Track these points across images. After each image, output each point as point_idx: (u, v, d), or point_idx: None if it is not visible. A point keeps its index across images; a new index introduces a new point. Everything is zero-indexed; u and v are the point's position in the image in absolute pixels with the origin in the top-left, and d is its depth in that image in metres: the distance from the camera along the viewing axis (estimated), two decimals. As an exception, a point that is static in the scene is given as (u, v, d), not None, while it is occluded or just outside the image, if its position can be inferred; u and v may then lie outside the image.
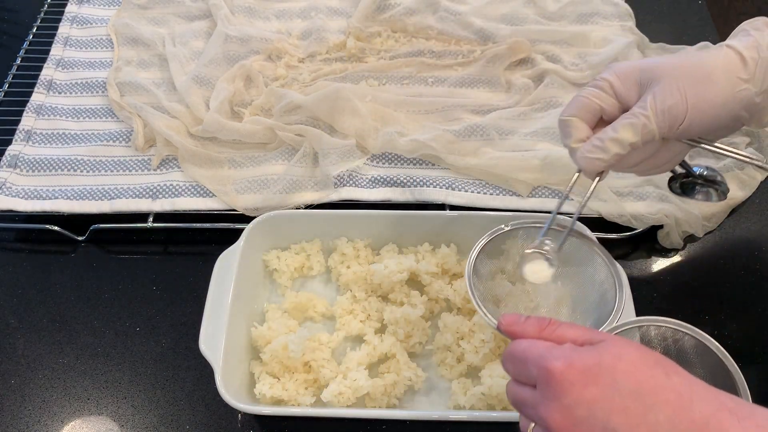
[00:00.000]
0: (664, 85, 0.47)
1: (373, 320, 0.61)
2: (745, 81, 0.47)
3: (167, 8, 0.91)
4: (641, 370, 0.35)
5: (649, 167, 0.52)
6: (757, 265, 0.67)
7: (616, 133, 0.47)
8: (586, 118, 0.49)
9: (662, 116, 0.46)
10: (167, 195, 0.70)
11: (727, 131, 0.50)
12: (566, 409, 0.35)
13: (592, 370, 0.35)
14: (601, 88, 0.49)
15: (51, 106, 0.80)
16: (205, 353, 0.54)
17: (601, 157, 0.48)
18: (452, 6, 0.88)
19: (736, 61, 0.47)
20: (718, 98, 0.47)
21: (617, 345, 0.37)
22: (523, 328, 0.41)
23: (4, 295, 0.66)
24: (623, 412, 0.34)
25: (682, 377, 0.36)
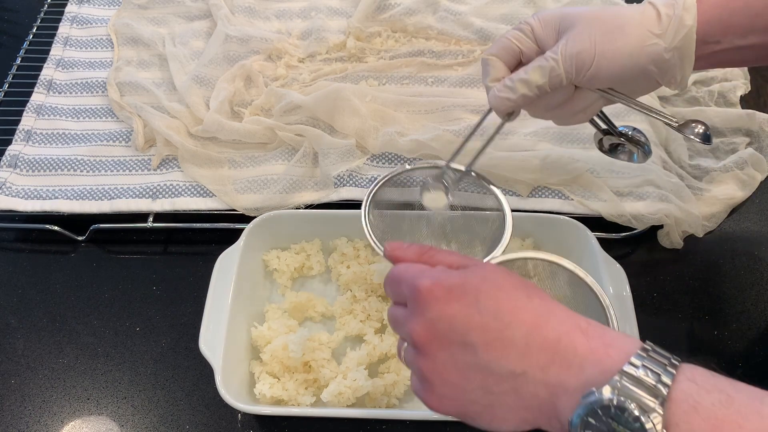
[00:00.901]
0: (577, 32, 0.48)
1: (373, 320, 0.61)
2: (656, 36, 0.48)
3: (167, 8, 0.91)
4: (504, 291, 0.37)
5: (564, 115, 0.53)
6: (757, 265, 0.67)
7: (526, 74, 0.49)
8: (505, 59, 0.52)
9: (570, 61, 0.48)
10: (167, 195, 0.70)
11: (639, 86, 0.51)
12: (429, 322, 0.37)
13: (457, 288, 0.37)
14: (523, 31, 0.51)
15: (51, 106, 0.80)
16: (205, 353, 0.54)
17: (509, 96, 0.50)
18: (452, 6, 0.88)
19: (651, 15, 0.48)
20: (625, 48, 0.48)
21: (486, 269, 0.39)
22: (404, 252, 0.42)
23: (4, 295, 0.66)
24: (482, 329, 0.35)
25: (542, 300, 0.37)
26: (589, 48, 0.48)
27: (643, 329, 0.54)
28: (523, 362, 0.34)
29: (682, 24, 0.47)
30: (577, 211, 0.68)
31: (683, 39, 0.47)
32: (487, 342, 0.35)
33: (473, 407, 0.37)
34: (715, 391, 0.31)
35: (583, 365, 0.33)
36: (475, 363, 0.35)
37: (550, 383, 0.34)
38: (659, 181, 0.68)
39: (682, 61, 0.48)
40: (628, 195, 0.69)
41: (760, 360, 0.60)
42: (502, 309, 0.36)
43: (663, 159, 0.72)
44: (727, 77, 0.80)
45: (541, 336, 0.35)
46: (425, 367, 0.37)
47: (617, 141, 0.59)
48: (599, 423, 0.31)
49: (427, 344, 0.37)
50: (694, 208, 0.67)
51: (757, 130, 0.75)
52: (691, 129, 0.52)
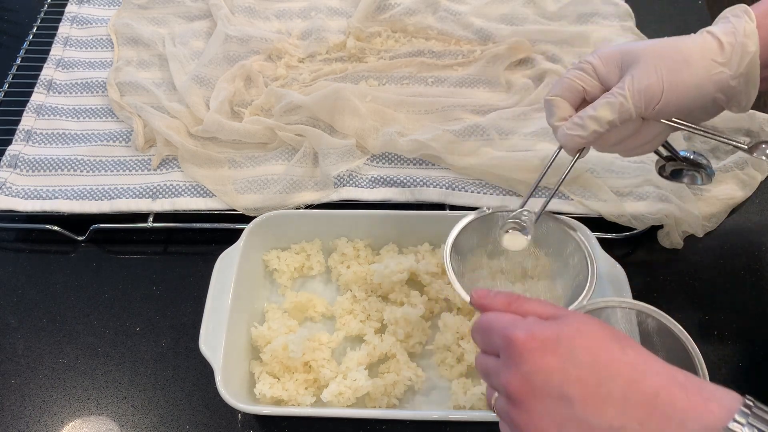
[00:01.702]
0: (642, 67, 0.49)
1: (373, 320, 0.61)
2: (721, 64, 0.49)
3: (167, 8, 0.91)
4: (598, 343, 0.37)
5: (631, 147, 0.54)
6: (757, 265, 0.67)
7: (595, 111, 0.50)
8: (569, 98, 0.52)
9: (639, 95, 0.49)
10: (167, 195, 0.70)
11: (705, 114, 0.52)
12: (525, 376, 0.36)
13: (551, 341, 0.37)
14: (584, 70, 0.52)
15: (51, 106, 0.80)
16: (205, 353, 0.54)
17: (580, 134, 0.50)
18: (452, 6, 0.88)
19: (713, 45, 0.49)
20: (693, 79, 0.49)
21: (578, 320, 0.38)
22: (492, 301, 0.42)
23: (4, 295, 0.66)
24: (578, 383, 0.35)
25: (637, 352, 0.37)
26: (656, 82, 0.49)
27: (643, 329, 0.54)
28: (621, 417, 0.34)
29: (746, 51, 0.48)
30: (577, 211, 0.68)
31: (748, 65, 0.49)
32: (585, 396, 0.35)
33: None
34: None
35: (684, 421, 0.33)
36: (572, 416, 0.35)
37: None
38: (659, 181, 0.68)
39: (747, 86, 0.50)
40: (628, 195, 0.69)
41: (760, 360, 0.60)
42: (599, 362, 0.36)
43: (663, 159, 0.72)
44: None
45: (639, 390, 0.34)
46: (521, 420, 0.37)
47: (680, 166, 0.60)
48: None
49: (523, 397, 0.37)
50: (694, 208, 0.67)
51: (757, 130, 0.75)
52: (761, 150, 0.53)
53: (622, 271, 0.59)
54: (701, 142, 0.75)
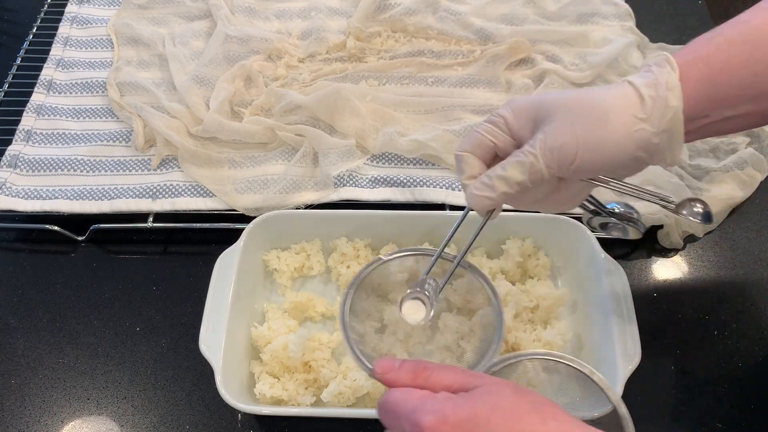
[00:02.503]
0: (556, 124, 0.44)
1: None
2: (641, 120, 0.44)
3: (167, 8, 0.91)
4: (517, 418, 0.34)
5: (552, 205, 0.50)
6: (757, 265, 0.67)
7: (504, 171, 0.45)
8: (479, 154, 0.48)
9: (551, 155, 0.44)
10: (167, 195, 0.70)
11: (628, 171, 0.47)
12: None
13: (466, 424, 0.34)
14: (495, 123, 0.47)
15: (51, 106, 0.80)
16: (205, 353, 0.54)
17: (489, 195, 0.46)
18: (452, 6, 0.88)
19: (634, 99, 0.44)
20: (611, 138, 0.44)
21: (493, 392, 0.36)
22: (396, 375, 0.39)
23: (4, 295, 0.66)
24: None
25: (558, 422, 0.35)
26: (571, 141, 0.44)
27: (643, 329, 0.54)
28: None
29: (668, 106, 0.44)
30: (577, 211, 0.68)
31: (670, 121, 0.44)
32: None
33: None
34: None
35: None
36: None
37: None
38: (659, 181, 0.68)
39: (671, 142, 0.45)
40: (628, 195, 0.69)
41: (760, 360, 0.60)
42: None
43: (663, 159, 0.72)
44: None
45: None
46: None
47: (607, 220, 0.55)
48: None
49: None
50: (694, 208, 0.67)
51: (757, 130, 0.75)
52: (689, 209, 0.49)
53: (622, 271, 0.59)
54: (701, 142, 0.75)
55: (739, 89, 0.44)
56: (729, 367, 0.60)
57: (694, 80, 0.44)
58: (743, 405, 0.57)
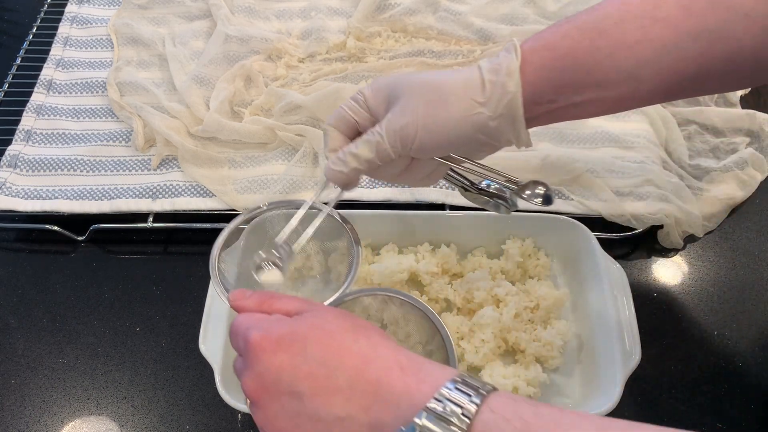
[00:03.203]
0: (401, 105, 0.47)
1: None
2: (480, 104, 0.45)
3: (167, 8, 0.91)
4: (332, 336, 0.38)
5: (410, 180, 0.52)
6: (756, 265, 0.67)
7: (356, 149, 0.48)
8: (342, 129, 0.50)
9: (394, 136, 0.46)
10: (167, 195, 0.70)
11: (473, 152, 0.49)
12: (258, 375, 0.38)
13: (285, 338, 0.38)
14: (357, 101, 0.50)
15: (51, 106, 0.80)
16: (205, 353, 0.54)
17: (342, 170, 0.49)
18: (452, 6, 0.88)
19: (476, 83, 0.46)
20: (449, 121, 0.46)
21: (317, 314, 0.40)
22: (245, 302, 0.43)
23: (4, 295, 0.66)
24: (309, 377, 0.36)
25: (369, 340, 0.38)
26: (411, 122, 0.46)
27: (643, 329, 0.54)
28: (347, 406, 0.36)
29: (505, 90, 0.45)
30: (577, 211, 0.68)
31: (507, 106, 0.45)
32: (314, 390, 0.36)
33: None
34: (515, 419, 0.32)
35: (399, 402, 0.35)
36: (303, 411, 0.36)
37: (372, 423, 0.35)
38: (659, 181, 0.68)
39: (513, 126, 0.46)
40: (628, 195, 0.69)
41: (760, 360, 0.60)
42: (329, 355, 0.37)
43: (663, 159, 0.72)
44: (727, 77, 0.80)
45: (363, 379, 0.36)
46: (259, 419, 0.38)
47: (480, 196, 0.57)
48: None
49: (259, 397, 0.38)
50: (694, 208, 0.67)
51: (757, 130, 0.75)
52: (531, 190, 0.50)
53: (622, 271, 0.59)
54: (701, 142, 0.75)
55: (583, 76, 0.45)
56: (729, 367, 0.60)
57: (537, 66, 0.45)
58: (743, 405, 0.57)
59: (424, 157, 0.49)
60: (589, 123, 0.75)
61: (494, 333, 0.57)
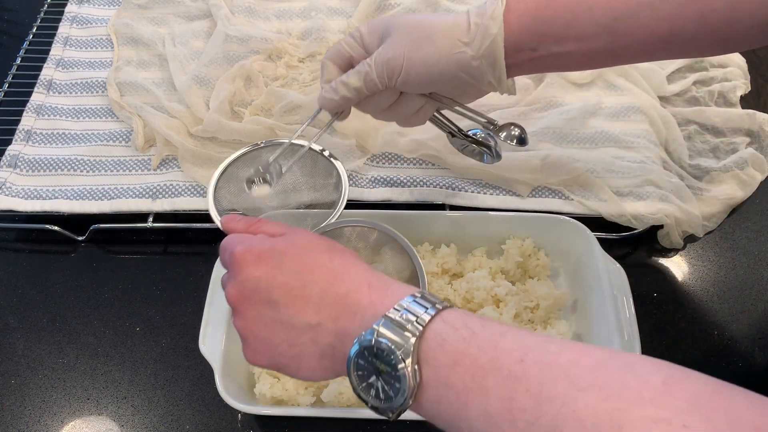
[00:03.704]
0: (391, 40, 0.51)
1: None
2: (464, 44, 0.50)
3: (167, 8, 0.91)
4: (308, 253, 0.41)
5: (398, 116, 0.56)
6: (757, 265, 0.67)
7: (347, 78, 0.53)
8: (338, 63, 0.55)
9: (381, 67, 0.51)
10: (167, 195, 0.70)
11: (458, 90, 0.53)
12: (239, 284, 0.41)
13: (265, 253, 0.41)
14: (354, 37, 0.55)
15: (51, 106, 0.80)
16: (205, 353, 0.54)
17: (333, 97, 0.53)
18: (452, 6, 0.88)
19: (462, 25, 0.50)
20: (432, 57, 0.50)
21: (297, 235, 0.43)
22: (235, 225, 0.47)
23: (4, 295, 0.66)
24: (284, 287, 0.40)
25: (342, 259, 0.41)
26: (398, 55, 0.50)
27: (643, 329, 0.54)
28: (318, 315, 0.39)
29: (488, 33, 0.49)
30: (577, 211, 0.68)
31: (489, 47, 0.49)
32: (288, 299, 0.40)
33: (282, 359, 0.41)
34: (463, 329, 0.34)
35: (363, 314, 0.38)
36: (278, 318, 0.40)
37: (339, 332, 0.39)
38: (659, 181, 0.68)
39: (493, 68, 0.51)
40: (628, 195, 0.69)
41: (760, 360, 0.60)
42: (303, 269, 0.40)
43: (663, 159, 0.72)
44: (727, 77, 0.80)
45: (333, 292, 0.39)
46: (240, 325, 0.42)
47: (466, 143, 0.61)
48: (365, 362, 0.36)
49: (239, 304, 0.41)
50: (694, 208, 0.67)
51: (757, 130, 0.75)
52: (507, 132, 0.55)
53: (622, 271, 0.59)
54: (701, 142, 0.75)
55: (562, 27, 0.50)
56: (729, 367, 0.60)
57: (521, 13, 0.50)
58: (743, 405, 0.57)
59: (410, 91, 0.53)
60: (589, 123, 0.75)
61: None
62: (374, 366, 0.36)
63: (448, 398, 0.33)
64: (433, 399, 0.34)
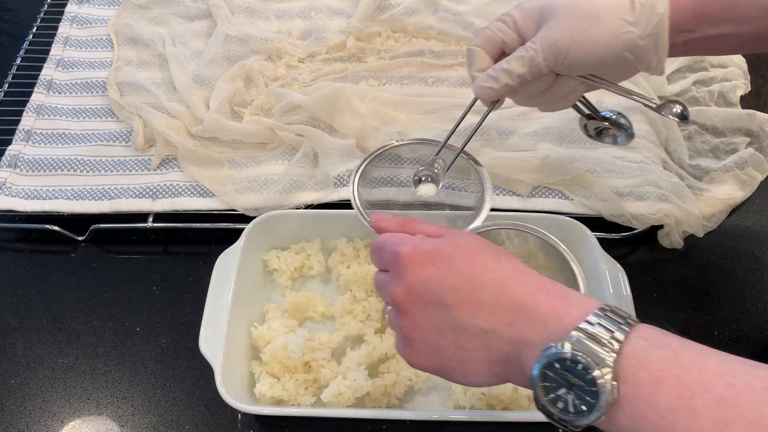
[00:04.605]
0: (555, 22, 0.50)
1: (373, 320, 0.61)
2: (630, 23, 0.49)
3: (167, 8, 0.91)
4: (476, 255, 0.40)
5: (547, 101, 0.55)
6: (757, 265, 0.67)
7: (508, 64, 0.51)
8: (488, 50, 0.54)
9: (548, 50, 0.50)
10: (167, 195, 0.70)
11: (618, 72, 0.52)
12: (408, 285, 0.40)
13: (432, 253, 0.40)
14: (505, 22, 0.53)
15: (51, 106, 0.80)
16: (205, 353, 0.54)
17: (492, 86, 0.52)
18: (452, 6, 0.88)
19: (625, 4, 0.50)
20: (600, 37, 0.49)
21: (460, 237, 0.42)
22: (387, 223, 0.46)
23: (4, 295, 0.66)
24: (455, 290, 0.39)
25: (512, 263, 0.40)
26: (566, 37, 0.49)
27: (643, 329, 0.54)
28: (491, 320, 0.38)
29: (654, 12, 0.49)
30: (577, 211, 0.68)
31: (656, 26, 0.49)
32: (460, 302, 0.39)
33: (448, 362, 0.40)
34: (664, 348, 0.33)
35: (545, 322, 0.36)
36: (448, 321, 0.39)
37: (515, 339, 0.37)
38: (659, 181, 0.68)
39: (657, 47, 0.50)
40: (628, 195, 0.69)
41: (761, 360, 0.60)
42: (474, 272, 0.39)
43: (663, 159, 0.72)
44: (727, 77, 0.80)
45: (508, 296, 0.38)
46: (405, 326, 0.41)
47: (601, 125, 0.61)
48: (556, 375, 0.35)
49: (406, 305, 0.40)
50: (694, 208, 0.67)
51: (758, 130, 0.75)
52: (669, 109, 0.54)
53: (622, 271, 0.59)
54: (701, 142, 0.75)
55: (722, 9, 0.49)
56: (729, 367, 0.60)
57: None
58: (743, 405, 0.57)
59: (572, 74, 0.52)
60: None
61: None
62: (565, 379, 0.34)
63: (649, 418, 0.32)
64: (630, 417, 0.33)
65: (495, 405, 0.55)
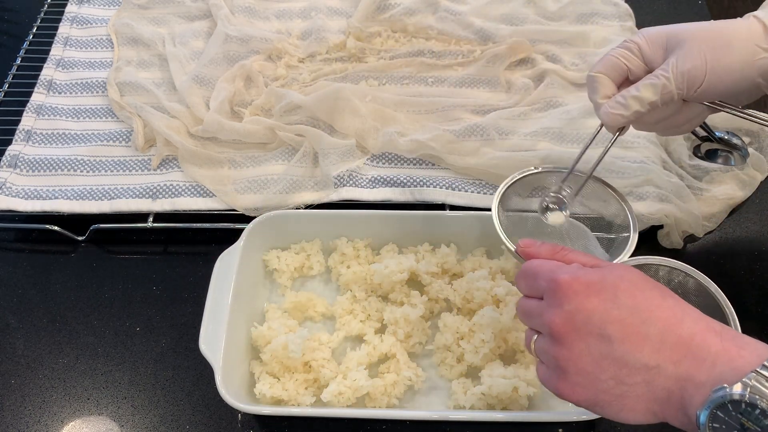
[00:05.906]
0: (687, 49, 0.49)
1: (373, 320, 0.61)
2: (764, 50, 0.49)
3: (167, 8, 0.91)
4: (640, 289, 0.39)
5: (669, 127, 0.55)
6: (756, 265, 0.67)
7: (638, 91, 0.50)
8: (612, 76, 0.53)
9: (681, 78, 0.49)
10: (167, 195, 0.70)
11: (747, 97, 0.52)
12: (568, 314, 0.39)
13: (595, 284, 0.39)
14: (630, 49, 0.52)
15: (51, 106, 0.80)
16: (205, 353, 0.54)
17: (622, 113, 0.51)
18: (452, 6, 0.88)
19: (758, 30, 0.49)
20: (736, 64, 0.49)
21: (621, 269, 0.41)
22: (537, 249, 0.46)
23: (4, 295, 0.66)
24: (618, 323, 0.38)
25: (677, 300, 0.39)
26: (700, 65, 0.49)
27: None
28: (657, 356, 0.37)
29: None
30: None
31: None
32: (624, 335, 0.37)
33: (604, 396, 0.38)
34: None
35: (715, 362, 0.35)
36: (610, 354, 0.38)
37: (681, 377, 0.36)
38: (659, 181, 0.68)
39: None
40: (628, 195, 0.69)
41: (760, 360, 0.60)
42: (639, 306, 0.38)
43: (663, 159, 0.72)
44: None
45: (675, 333, 0.37)
46: (561, 355, 0.39)
47: (715, 147, 0.60)
48: (728, 417, 0.33)
49: (565, 334, 0.39)
50: (694, 208, 0.67)
51: (757, 130, 0.75)
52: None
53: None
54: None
55: None
56: (729, 367, 0.60)
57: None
58: (743, 405, 0.57)
59: (702, 101, 0.52)
60: (588, 123, 0.75)
61: (494, 333, 0.57)
62: (739, 423, 0.34)
63: None
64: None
65: (495, 405, 0.55)
